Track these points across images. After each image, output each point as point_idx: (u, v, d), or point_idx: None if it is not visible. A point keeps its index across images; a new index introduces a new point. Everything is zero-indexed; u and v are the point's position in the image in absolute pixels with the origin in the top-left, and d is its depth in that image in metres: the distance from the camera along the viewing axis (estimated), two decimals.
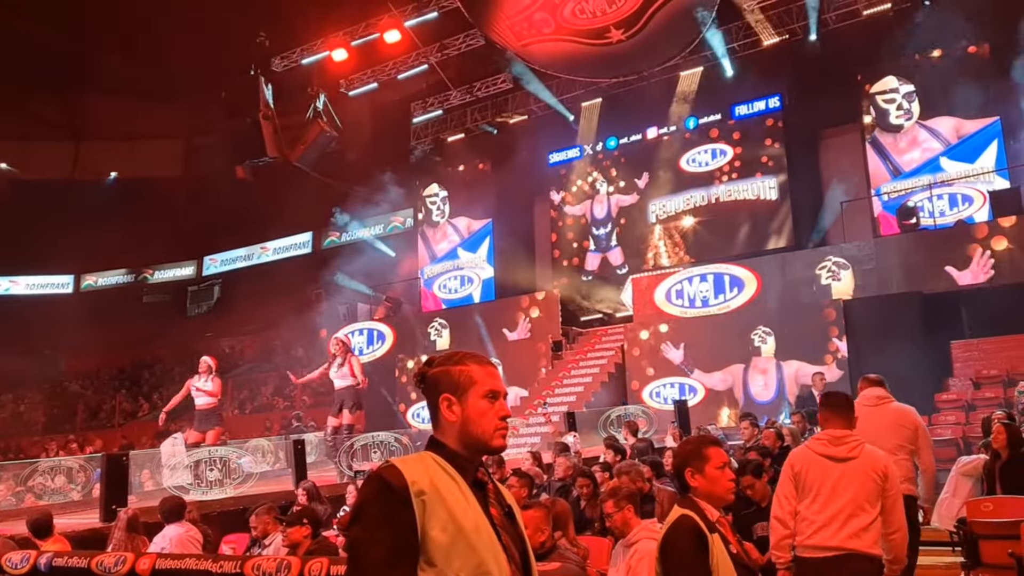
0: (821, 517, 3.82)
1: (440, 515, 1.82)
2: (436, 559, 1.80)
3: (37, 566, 4.69)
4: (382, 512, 1.82)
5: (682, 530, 2.82)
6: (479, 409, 1.96)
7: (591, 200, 20.71)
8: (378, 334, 19.73)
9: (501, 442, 1.98)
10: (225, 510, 8.56)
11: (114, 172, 32.06)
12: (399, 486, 1.83)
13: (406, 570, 1.80)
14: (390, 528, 1.80)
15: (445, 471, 1.90)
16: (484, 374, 2.00)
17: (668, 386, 15.60)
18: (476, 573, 1.81)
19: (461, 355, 2.04)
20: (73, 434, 23.39)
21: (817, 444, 4.01)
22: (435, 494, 1.84)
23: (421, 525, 1.81)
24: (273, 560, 4.09)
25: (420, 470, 1.87)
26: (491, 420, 1.96)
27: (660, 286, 16.55)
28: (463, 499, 1.87)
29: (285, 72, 21.32)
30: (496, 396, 1.98)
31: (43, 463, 10.69)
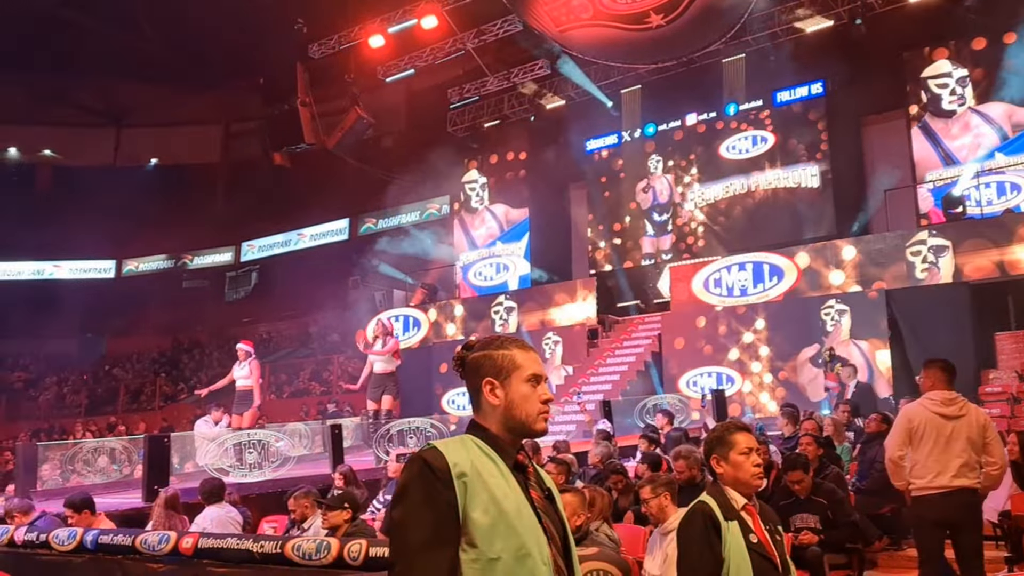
0: (938, 465, 4.82)
1: (482, 497, 1.84)
2: (477, 540, 1.82)
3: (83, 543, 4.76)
4: (424, 493, 1.84)
5: (694, 516, 2.88)
6: (522, 393, 1.98)
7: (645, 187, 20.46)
8: (414, 320, 19.78)
9: (543, 426, 2.00)
10: (264, 492, 8.67)
11: (154, 159, 32.49)
12: (441, 468, 1.85)
13: (448, 551, 1.81)
14: (432, 509, 1.82)
15: (486, 454, 1.92)
16: (526, 358, 2.02)
17: (706, 375, 15.46)
18: (517, 555, 1.83)
19: (502, 339, 2.06)
20: (114, 416, 23.79)
21: (931, 404, 4.93)
22: (476, 476, 1.86)
23: (463, 507, 1.83)
24: (313, 541, 4.10)
25: (462, 453, 1.90)
26: (534, 404, 1.98)
27: (698, 275, 16.38)
28: (504, 482, 1.89)
29: (323, 59, 21.37)
30: (538, 380, 2.00)
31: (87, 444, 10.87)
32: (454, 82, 22.31)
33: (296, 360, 24.86)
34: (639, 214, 20.41)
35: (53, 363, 28.17)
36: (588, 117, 20.90)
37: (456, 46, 20.38)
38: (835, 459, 7.56)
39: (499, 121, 22.03)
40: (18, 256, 30.13)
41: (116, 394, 25.88)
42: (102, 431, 20.37)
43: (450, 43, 20.36)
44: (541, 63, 20.34)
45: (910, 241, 14.23)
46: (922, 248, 14.09)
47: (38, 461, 9.53)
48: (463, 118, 22.45)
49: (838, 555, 5.51)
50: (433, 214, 24.90)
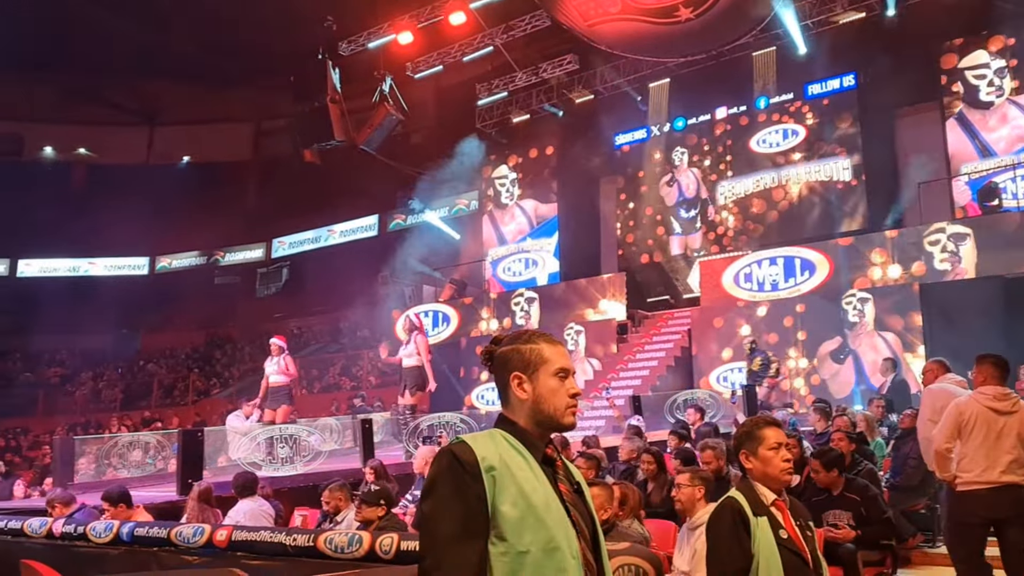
0: (987, 460, 4.78)
1: (510, 490, 1.86)
2: (506, 533, 1.84)
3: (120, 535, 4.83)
4: (453, 487, 1.86)
5: (723, 512, 2.87)
6: (550, 387, 1.99)
7: (670, 181, 20.36)
8: (443, 316, 19.83)
9: (572, 420, 2.01)
10: (296, 486, 8.73)
11: (186, 156, 32.81)
12: (470, 461, 1.86)
13: (477, 544, 1.83)
14: (461, 502, 1.84)
15: (515, 448, 1.94)
16: (554, 352, 2.03)
17: (737, 370, 15.36)
18: (546, 548, 1.84)
19: (530, 334, 2.08)
20: (148, 411, 24.11)
21: (983, 398, 4.88)
22: (505, 470, 1.87)
23: (492, 500, 1.85)
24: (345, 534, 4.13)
25: (490, 446, 1.91)
26: (562, 398, 1.99)
27: (728, 269, 16.26)
28: (533, 475, 1.90)
29: (352, 56, 21.47)
30: (566, 374, 2.02)
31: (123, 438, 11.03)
32: (482, 78, 22.32)
33: (326, 355, 25.03)
34: (667, 210, 20.31)
35: (89, 359, 28.57)
36: (617, 111, 20.83)
37: (484, 42, 20.39)
38: (868, 455, 7.48)
39: (528, 116, 22.01)
40: (54, 253, 30.61)
41: (150, 389, 26.22)
42: (137, 425, 20.65)
43: (478, 39, 20.37)
44: (570, 58, 20.30)
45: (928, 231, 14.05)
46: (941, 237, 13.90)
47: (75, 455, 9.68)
48: (491, 114, 22.46)
49: (871, 552, 5.45)
50: (462, 210, 24.93)
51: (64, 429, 21.52)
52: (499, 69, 21.80)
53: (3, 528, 5.66)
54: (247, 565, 4.32)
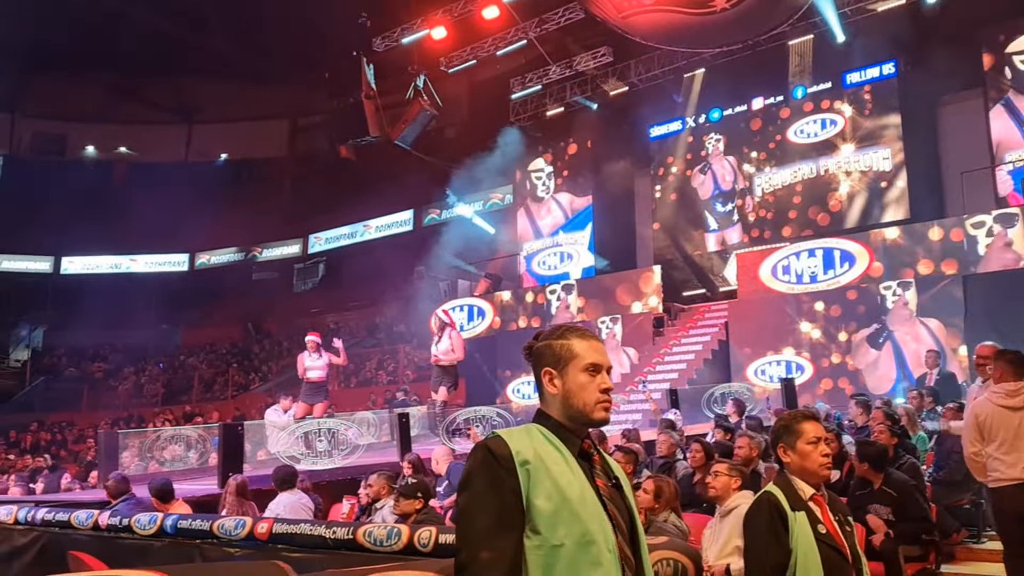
0: (1010, 458, 4.75)
1: (545, 484, 1.87)
2: (541, 527, 1.85)
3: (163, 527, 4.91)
4: (488, 480, 1.88)
5: (760, 506, 2.85)
6: (579, 382, 2.00)
7: (703, 168, 20.20)
8: (478, 310, 19.87)
9: (603, 414, 2.01)
10: (334, 479, 8.81)
11: (224, 154, 33.22)
12: (504, 455, 1.89)
13: (512, 536, 1.85)
14: (496, 496, 1.86)
15: (550, 442, 1.95)
16: (585, 348, 2.03)
17: (775, 363, 15.21)
18: (581, 541, 1.85)
19: (564, 329, 2.09)
20: (189, 405, 24.47)
21: (996, 397, 4.86)
22: (540, 464, 1.89)
23: (526, 493, 1.86)
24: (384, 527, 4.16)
25: (525, 441, 1.93)
26: (592, 393, 1.99)
27: (766, 261, 16.09)
28: (568, 469, 1.92)
29: (386, 51, 21.55)
30: (597, 369, 2.02)
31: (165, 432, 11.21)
32: (516, 71, 22.29)
33: (363, 350, 25.21)
34: (702, 203, 20.15)
35: (131, 354, 29.08)
36: (652, 103, 20.69)
37: (518, 35, 20.34)
38: (910, 449, 7.37)
39: (562, 109, 21.95)
40: (97, 251, 31.18)
41: (191, 384, 26.60)
42: (178, 420, 20.98)
43: (512, 32, 20.33)
44: (604, 50, 20.20)
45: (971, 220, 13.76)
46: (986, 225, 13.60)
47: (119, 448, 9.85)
48: (525, 107, 22.43)
49: (912, 547, 5.38)
50: (496, 204, 24.96)
51: (108, 423, 21.90)
52: (533, 62, 21.75)
53: (51, 520, 5.79)
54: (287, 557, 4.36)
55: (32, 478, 12.41)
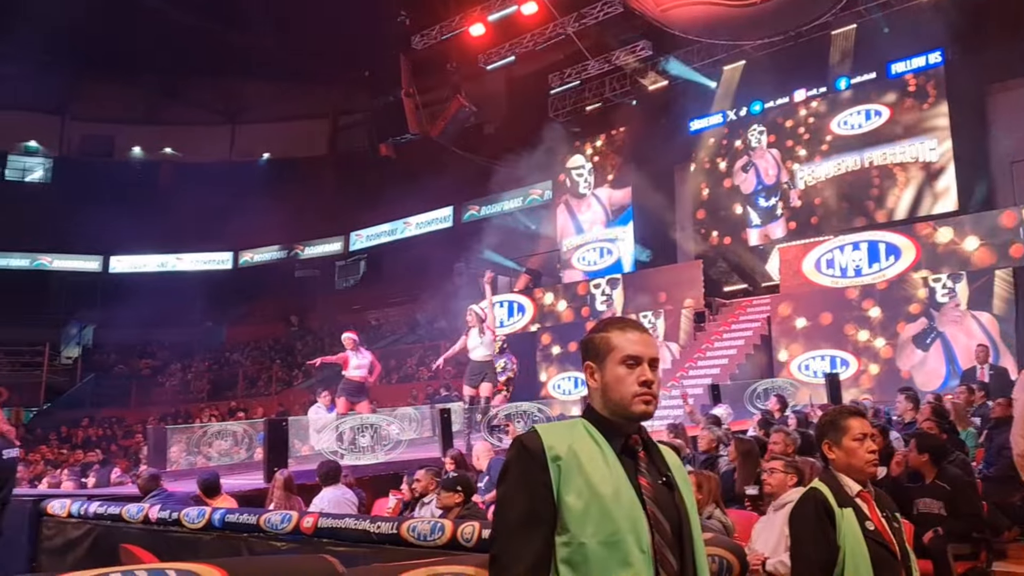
0: None
1: (576, 481, 1.86)
2: (570, 524, 1.84)
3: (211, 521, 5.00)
4: (521, 474, 1.90)
5: (805, 504, 2.81)
6: (617, 375, 1.97)
7: (746, 166, 19.99)
8: (518, 306, 19.89)
9: (643, 408, 1.96)
10: (377, 474, 8.89)
11: (267, 153, 33.64)
12: (536, 451, 1.89)
13: (542, 531, 1.85)
14: (527, 491, 1.88)
15: (591, 437, 1.94)
16: (624, 340, 2.00)
17: (819, 359, 15.02)
18: (609, 541, 1.83)
19: (606, 322, 2.07)
20: (234, 401, 24.83)
21: None
22: (572, 460, 1.88)
23: (557, 490, 1.86)
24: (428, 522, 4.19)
25: (561, 436, 1.93)
26: (629, 386, 1.95)
27: (809, 255, 15.88)
28: (604, 466, 1.89)
29: (425, 49, 21.66)
30: (636, 361, 1.98)
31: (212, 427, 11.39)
32: (555, 67, 22.26)
33: (404, 346, 25.37)
34: (744, 198, 19.93)
35: (177, 351, 29.57)
36: (692, 97, 20.53)
37: (556, 31, 20.31)
38: (959, 445, 7.24)
39: (601, 104, 21.87)
40: (144, 250, 31.75)
41: (236, 380, 27.00)
42: (223, 415, 21.29)
43: (550, 28, 20.30)
44: (642, 44, 20.08)
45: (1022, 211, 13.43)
46: None
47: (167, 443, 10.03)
48: (564, 103, 22.39)
49: (962, 545, 5.28)
50: (536, 200, 24.95)
51: (156, 419, 22.31)
52: (571, 58, 21.70)
53: (103, 514, 5.92)
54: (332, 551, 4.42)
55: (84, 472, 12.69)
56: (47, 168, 33.06)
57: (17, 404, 24.36)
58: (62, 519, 6.32)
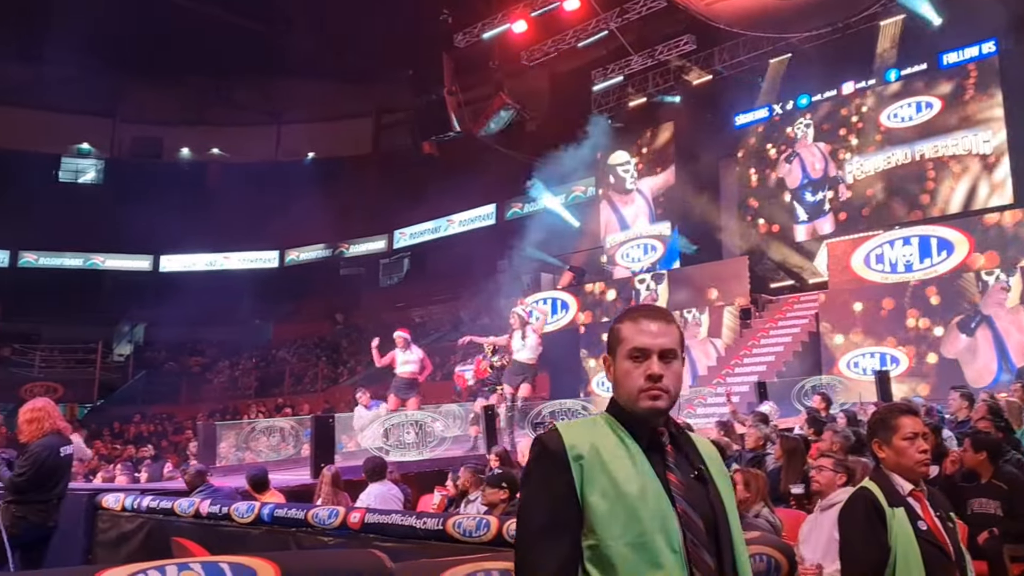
0: None
1: (600, 481, 1.77)
2: (596, 525, 1.75)
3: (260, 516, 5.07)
4: (542, 476, 1.82)
5: (855, 503, 2.76)
6: (623, 369, 1.87)
7: (789, 157, 19.71)
8: (562, 303, 19.84)
9: (648, 404, 1.83)
10: (422, 471, 8.95)
11: (311, 152, 34.01)
12: (556, 450, 1.80)
13: (565, 536, 1.77)
14: (549, 493, 1.79)
15: (616, 433, 1.84)
16: (633, 331, 1.88)
17: (868, 355, 14.75)
18: (637, 542, 1.73)
19: (623, 312, 1.97)
20: (281, 398, 25.14)
21: None
22: (595, 458, 1.78)
23: (580, 490, 1.77)
24: (473, 519, 4.21)
25: (584, 433, 1.84)
26: (634, 380, 1.84)
27: (858, 251, 15.59)
28: (630, 463, 1.80)
29: (467, 47, 21.72)
30: (643, 354, 1.85)
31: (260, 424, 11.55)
32: (597, 63, 22.16)
33: (448, 344, 25.46)
34: (791, 193, 19.65)
35: (225, 348, 30.03)
36: (737, 91, 20.30)
37: (599, 26, 20.22)
38: (1015, 444, 7.06)
39: (644, 100, 21.71)
40: (192, 249, 32.31)
41: (282, 377, 27.34)
42: (271, 412, 21.56)
43: (593, 24, 20.23)
44: (686, 38, 19.90)
45: None
46: None
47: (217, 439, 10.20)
48: (607, 99, 22.27)
49: (1019, 546, 5.15)
50: (579, 196, 24.88)
51: (205, 415, 22.68)
52: (614, 53, 21.59)
53: (155, 508, 6.04)
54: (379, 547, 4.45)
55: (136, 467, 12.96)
56: (99, 170, 33.85)
57: (72, 400, 24.95)
58: (116, 513, 6.46)
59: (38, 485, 5.27)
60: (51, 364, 26.39)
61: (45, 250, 31.75)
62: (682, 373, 1.90)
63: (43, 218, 28.49)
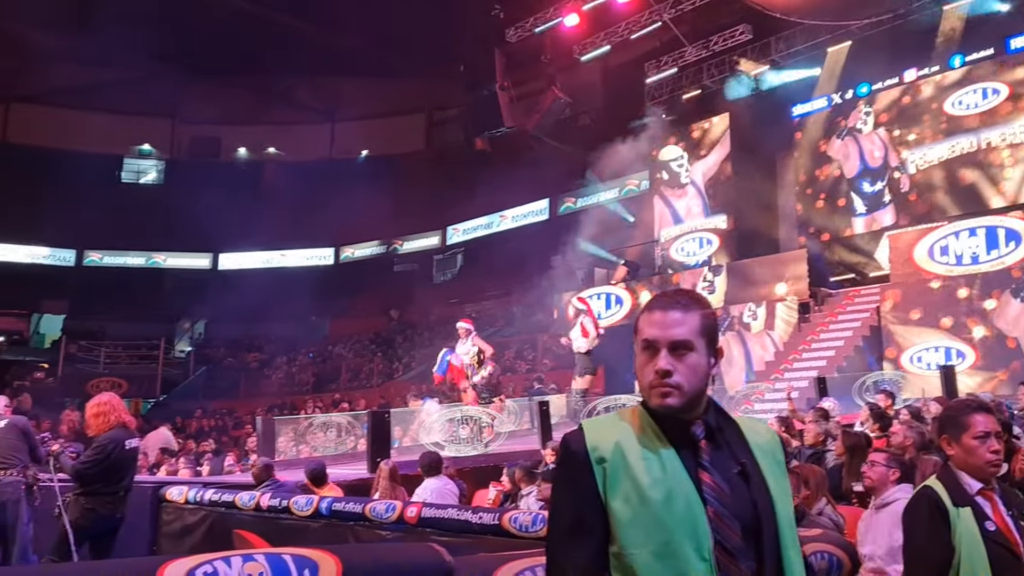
0: None
1: (623, 485, 1.65)
2: (619, 532, 1.64)
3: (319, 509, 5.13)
4: (566, 478, 1.74)
5: (919, 502, 2.68)
6: (638, 362, 1.74)
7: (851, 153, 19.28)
8: (616, 298, 19.71)
9: (658, 401, 1.69)
10: (477, 466, 8.97)
11: (365, 150, 34.33)
12: (578, 451, 1.70)
13: (587, 542, 1.67)
14: (572, 495, 1.70)
15: (645, 429, 1.71)
16: (644, 321, 1.74)
17: (932, 350, 14.37)
18: (662, 551, 1.61)
19: (650, 299, 1.84)
20: (337, 393, 25.43)
21: None
22: (619, 461, 1.67)
23: (604, 494, 1.66)
24: (529, 514, 4.19)
25: (608, 432, 1.72)
26: (646, 375, 1.72)
27: (921, 242, 15.19)
28: (656, 464, 1.66)
29: (519, 42, 21.69)
30: (651, 347, 1.71)
31: (317, 419, 11.69)
32: (651, 55, 21.95)
33: (501, 339, 25.50)
34: (849, 183, 19.22)
35: (282, 344, 30.49)
36: (793, 80, 19.92)
37: (652, 18, 20.03)
38: None
39: (699, 92, 21.44)
40: (250, 247, 32.87)
41: (339, 372, 27.66)
42: (327, 407, 21.81)
43: (646, 15, 20.04)
44: (742, 28, 19.59)
45: None
46: None
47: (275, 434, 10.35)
48: (661, 91, 22.04)
49: None
50: (632, 190, 24.68)
51: (263, 410, 23.04)
52: (668, 45, 21.36)
53: (218, 501, 6.15)
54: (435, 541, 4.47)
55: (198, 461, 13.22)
56: (160, 170, 34.63)
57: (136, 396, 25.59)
58: (180, 505, 6.60)
59: (105, 477, 5.40)
60: (115, 360, 27.06)
61: (109, 249, 32.61)
62: (702, 366, 1.71)
63: (106, 218, 29.24)
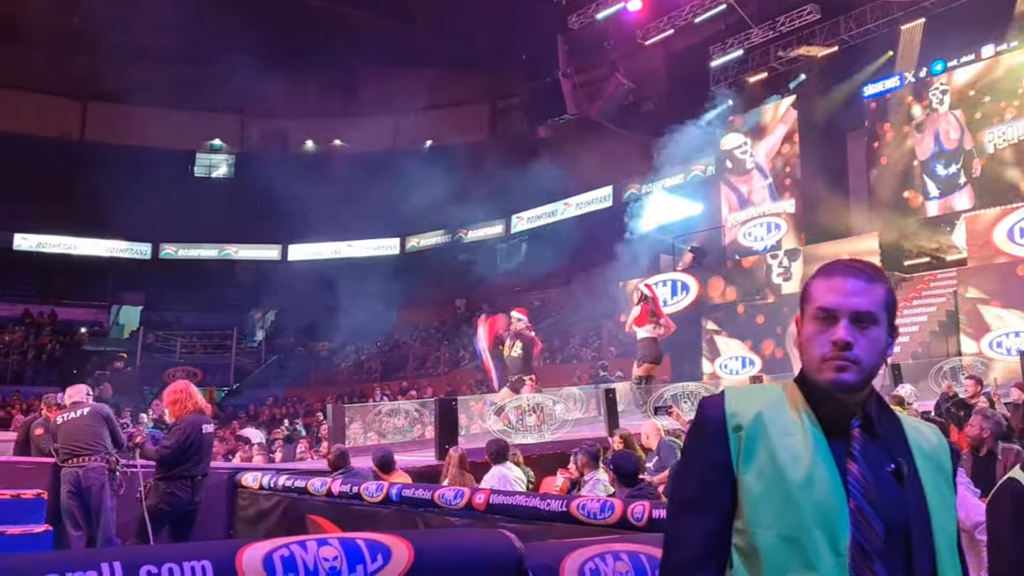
0: None
1: (758, 457, 1.52)
2: (746, 507, 1.52)
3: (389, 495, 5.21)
4: (695, 448, 1.63)
5: (1002, 495, 2.49)
6: (808, 332, 1.58)
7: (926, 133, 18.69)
8: (682, 285, 19.50)
9: (831, 376, 1.53)
10: (544, 453, 8.99)
11: (429, 140, 34.57)
12: (713, 419, 1.58)
13: (709, 517, 1.54)
14: (698, 466, 1.59)
15: (794, 405, 1.57)
16: (822, 288, 1.58)
17: (1012, 335, 13.89)
18: (789, 535, 1.48)
19: (821, 267, 1.67)
20: (405, 381, 25.77)
21: None
22: (758, 431, 1.54)
23: (736, 466, 1.54)
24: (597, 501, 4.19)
25: (751, 400, 1.59)
26: (819, 347, 1.55)
27: (1000, 224, 14.68)
28: (800, 443, 1.52)
29: (581, 29, 21.56)
30: (829, 315, 1.55)
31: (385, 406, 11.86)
32: (715, 38, 21.60)
33: (566, 327, 25.48)
34: (922, 165, 18.61)
35: (351, 334, 30.98)
36: (865, 60, 19.40)
37: (716, 0, 19.69)
38: None
39: (766, 74, 21.02)
40: (318, 238, 33.45)
41: (406, 361, 28.01)
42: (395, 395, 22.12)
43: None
44: (810, 8, 19.13)
45: None
46: None
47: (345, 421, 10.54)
48: (726, 74, 21.68)
49: None
50: (698, 176, 24.35)
51: (333, 398, 23.48)
52: (733, 27, 21.00)
53: (291, 487, 6.30)
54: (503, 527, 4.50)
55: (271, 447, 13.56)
56: (230, 164, 35.48)
57: (211, 384, 26.33)
58: (254, 491, 6.78)
59: (183, 460, 5.60)
60: (191, 350, 27.91)
61: (182, 242, 33.55)
62: (882, 343, 1.57)
63: (180, 212, 30.08)
